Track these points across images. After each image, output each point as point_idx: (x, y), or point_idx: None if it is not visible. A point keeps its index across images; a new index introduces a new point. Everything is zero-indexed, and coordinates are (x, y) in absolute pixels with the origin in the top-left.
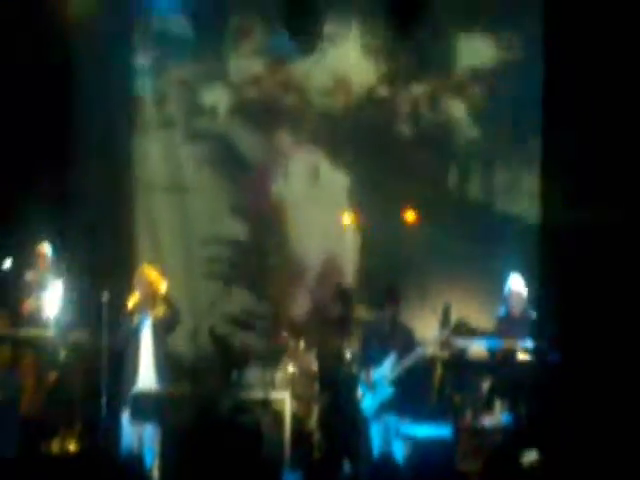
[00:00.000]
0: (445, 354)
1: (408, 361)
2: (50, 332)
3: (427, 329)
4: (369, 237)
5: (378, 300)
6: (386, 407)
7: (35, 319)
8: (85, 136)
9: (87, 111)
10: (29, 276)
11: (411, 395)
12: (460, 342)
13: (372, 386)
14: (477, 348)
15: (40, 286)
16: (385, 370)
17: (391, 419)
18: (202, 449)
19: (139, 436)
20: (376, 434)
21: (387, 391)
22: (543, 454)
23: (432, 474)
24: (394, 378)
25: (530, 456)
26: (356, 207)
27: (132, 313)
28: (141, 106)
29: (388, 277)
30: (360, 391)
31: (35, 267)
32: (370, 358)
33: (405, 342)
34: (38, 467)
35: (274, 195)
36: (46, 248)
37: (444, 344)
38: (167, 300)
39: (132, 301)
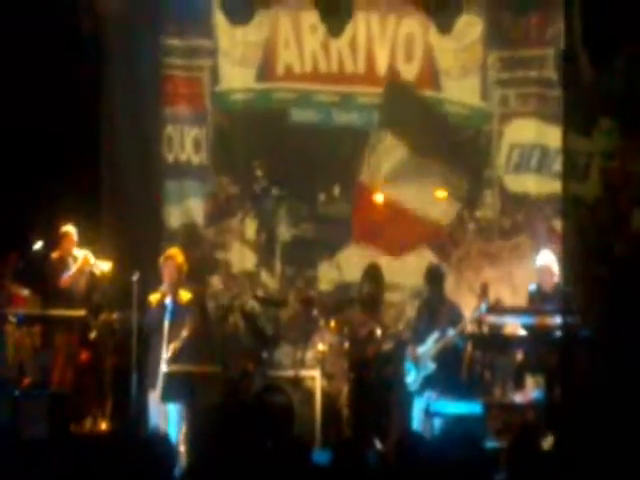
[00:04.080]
0: (478, 332)
1: (449, 337)
2: (81, 312)
3: (464, 307)
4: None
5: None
6: (428, 383)
7: (66, 299)
8: (115, 116)
9: (117, 91)
10: (55, 255)
11: (447, 372)
12: (493, 319)
13: (417, 361)
14: (510, 325)
15: (67, 266)
16: (428, 346)
17: (433, 396)
18: (233, 428)
19: (166, 415)
20: (418, 410)
21: (429, 367)
22: (564, 436)
23: (461, 451)
24: (436, 353)
25: (548, 441)
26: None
27: (160, 295)
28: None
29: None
30: (406, 367)
31: (61, 247)
32: (417, 334)
33: (451, 319)
34: (69, 447)
35: None
36: (71, 228)
37: (479, 322)
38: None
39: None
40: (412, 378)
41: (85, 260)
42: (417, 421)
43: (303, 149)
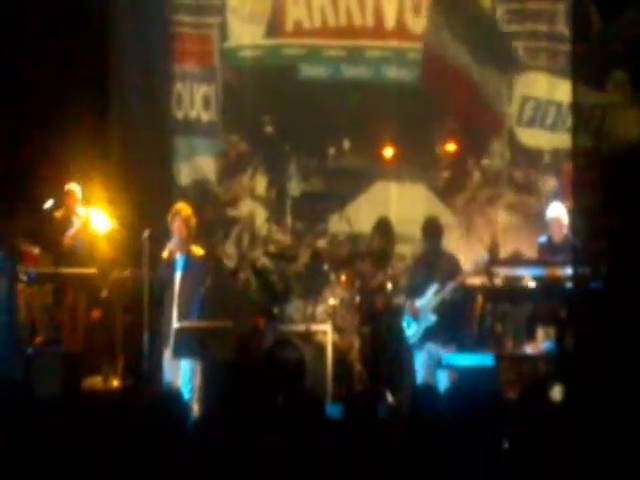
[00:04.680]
0: (486, 282)
1: (448, 289)
2: (92, 270)
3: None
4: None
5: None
6: (429, 335)
7: (70, 257)
8: (125, 73)
9: (126, 49)
10: (58, 214)
11: (453, 325)
12: (502, 270)
13: (416, 315)
14: (520, 276)
15: (71, 224)
16: (428, 298)
17: (434, 348)
18: (245, 383)
19: (179, 371)
20: (420, 364)
21: (430, 319)
22: (575, 387)
23: (474, 403)
24: (436, 306)
25: (557, 392)
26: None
27: (169, 251)
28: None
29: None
30: (404, 321)
31: (65, 205)
32: (415, 288)
33: (449, 271)
34: (81, 404)
35: None
36: (74, 186)
37: (485, 272)
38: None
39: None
40: (412, 331)
41: (86, 219)
42: (420, 374)
43: (312, 104)
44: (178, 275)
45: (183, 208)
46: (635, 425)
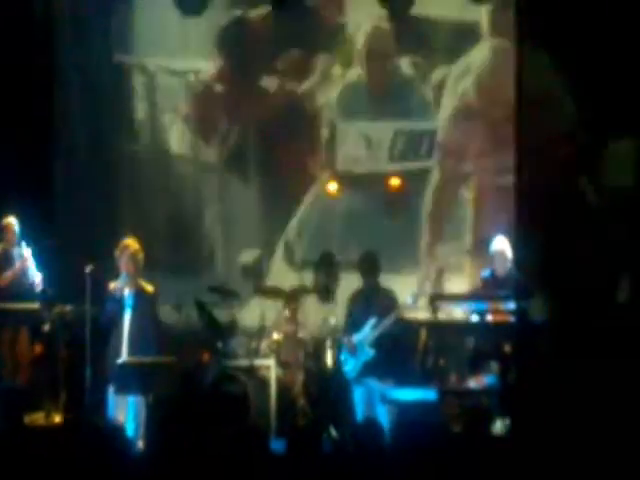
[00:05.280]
0: (430, 317)
1: (386, 323)
2: (34, 305)
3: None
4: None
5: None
6: (368, 370)
7: (16, 292)
8: (67, 104)
9: (69, 80)
10: None
11: (393, 359)
12: (444, 305)
13: (354, 350)
14: (462, 310)
15: (10, 260)
16: (365, 333)
17: (374, 383)
18: (189, 418)
19: (124, 407)
20: (360, 398)
21: (368, 353)
22: (517, 420)
23: (418, 437)
24: (374, 340)
25: (499, 426)
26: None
27: (116, 286)
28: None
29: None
30: (342, 356)
31: (4, 240)
32: (352, 324)
33: (387, 307)
34: (22, 440)
35: None
36: (12, 219)
37: (427, 306)
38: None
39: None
40: (350, 366)
41: (27, 254)
42: (360, 409)
43: None
44: (128, 311)
45: (131, 243)
46: (576, 457)
